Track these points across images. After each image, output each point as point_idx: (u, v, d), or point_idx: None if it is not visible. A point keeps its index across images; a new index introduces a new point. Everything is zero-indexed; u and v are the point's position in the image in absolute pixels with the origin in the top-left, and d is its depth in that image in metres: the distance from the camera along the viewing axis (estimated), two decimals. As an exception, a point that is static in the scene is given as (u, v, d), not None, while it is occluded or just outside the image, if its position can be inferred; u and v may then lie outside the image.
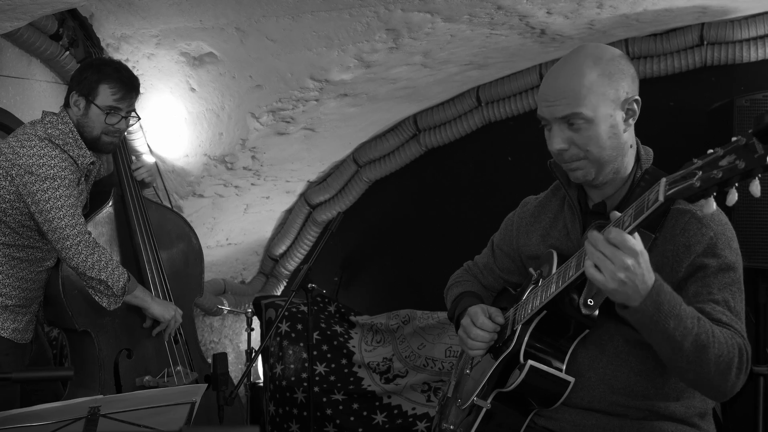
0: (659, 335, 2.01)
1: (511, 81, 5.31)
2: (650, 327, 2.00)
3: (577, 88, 2.22)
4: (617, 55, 2.28)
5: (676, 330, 1.99)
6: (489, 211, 3.91)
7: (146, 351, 3.68)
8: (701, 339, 2.01)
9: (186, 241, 3.99)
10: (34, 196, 3.25)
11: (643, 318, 1.98)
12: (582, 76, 2.23)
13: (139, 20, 4.27)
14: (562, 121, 2.25)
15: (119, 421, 2.28)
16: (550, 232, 2.49)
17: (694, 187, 1.78)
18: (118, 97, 3.40)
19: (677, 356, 2.04)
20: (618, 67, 2.25)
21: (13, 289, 3.35)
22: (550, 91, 2.28)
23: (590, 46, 2.33)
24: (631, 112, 2.26)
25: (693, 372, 2.07)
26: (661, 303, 1.97)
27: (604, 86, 2.22)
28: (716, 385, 2.10)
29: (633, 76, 2.28)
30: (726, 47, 4.68)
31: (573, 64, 2.27)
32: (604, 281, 1.94)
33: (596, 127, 2.22)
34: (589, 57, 2.26)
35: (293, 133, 5.22)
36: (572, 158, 2.28)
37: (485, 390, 2.40)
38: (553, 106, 2.26)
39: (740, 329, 2.14)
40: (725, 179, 1.74)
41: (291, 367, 4.87)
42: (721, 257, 2.17)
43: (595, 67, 2.23)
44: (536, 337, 2.29)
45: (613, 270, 1.91)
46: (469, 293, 2.72)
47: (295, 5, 4.08)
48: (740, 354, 2.09)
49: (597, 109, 2.21)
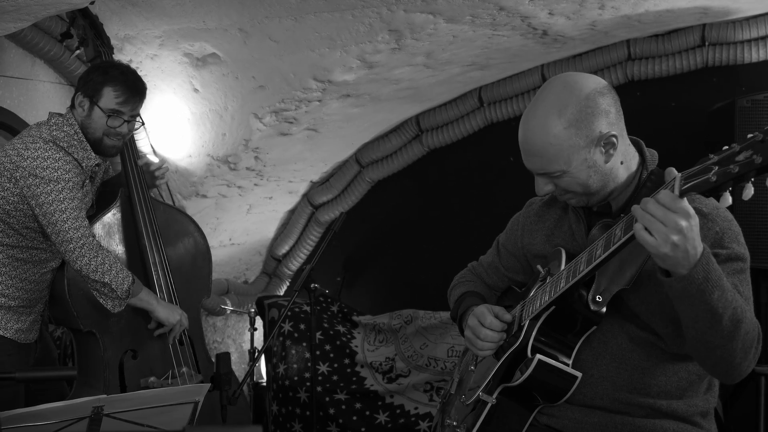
0: (702, 306, 1.96)
1: (513, 81, 5.32)
2: (696, 297, 1.94)
3: (545, 147, 2.20)
4: (586, 95, 2.20)
5: (719, 301, 1.95)
6: (491, 211, 3.92)
7: (151, 352, 3.67)
8: (737, 313, 1.99)
9: (193, 242, 3.97)
10: (38, 198, 3.26)
11: (690, 287, 1.92)
12: (547, 132, 2.19)
13: (142, 21, 4.28)
14: (541, 174, 2.28)
15: (122, 420, 2.29)
16: (555, 232, 2.49)
17: (710, 182, 1.78)
18: (121, 101, 3.40)
19: (713, 330, 2.00)
20: (587, 109, 2.18)
21: (16, 290, 3.36)
22: (523, 145, 2.28)
23: (557, 86, 2.26)
24: (610, 144, 2.21)
25: (721, 348, 2.03)
26: (710, 272, 1.92)
27: (573, 138, 2.18)
28: (737, 363, 2.06)
29: (606, 111, 2.20)
30: (727, 48, 4.69)
31: (540, 115, 2.22)
32: (656, 244, 1.87)
33: (574, 174, 2.22)
34: (554, 107, 2.19)
35: (296, 133, 5.23)
36: (561, 194, 2.33)
37: (491, 385, 2.40)
38: (529, 161, 2.28)
39: (751, 313, 2.13)
40: (741, 174, 1.74)
41: (294, 366, 4.88)
42: (729, 248, 2.16)
43: (560, 119, 2.18)
44: (544, 332, 2.29)
45: (665, 232, 1.85)
46: (472, 293, 2.72)
47: (298, 6, 4.09)
48: (758, 333, 2.09)
49: (570, 161, 2.20)
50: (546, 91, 2.27)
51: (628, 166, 2.29)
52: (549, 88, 2.27)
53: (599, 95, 2.21)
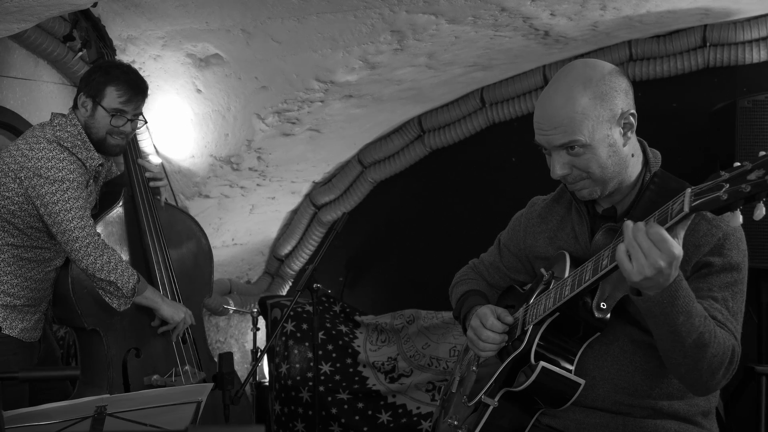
0: (665, 327, 2.01)
1: (515, 82, 5.33)
2: (659, 318, 1.99)
3: (571, 116, 2.19)
4: (607, 72, 2.24)
5: (683, 326, 1.99)
6: (493, 211, 3.92)
7: (155, 350, 3.69)
8: (704, 338, 2.02)
9: (195, 242, 3.99)
10: (42, 198, 3.27)
11: (655, 309, 1.98)
12: (574, 102, 2.20)
13: (145, 22, 4.29)
14: (560, 148, 2.24)
15: (126, 420, 2.29)
16: (558, 234, 2.49)
17: (721, 200, 1.77)
18: (123, 100, 3.41)
19: (676, 349, 2.05)
20: (609, 85, 2.22)
21: (21, 289, 3.37)
22: (544, 120, 2.26)
23: (579, 65, 2.30)
24: (629, 125, 2.24)
25: (685, 366, 2.08)
26: (677, 297, 1.96)
27: (598, 108, 2.19)
28: (703, 381, 2.11)
29: (626, 90, 2.25)
30: (728, 49, 4.69)
31: (563, 90, 2.24)
32: (630, 271, 1.92)
33: (595, 150, 2.21)
34: (578, 80, 2.23)
35: (298, 134, 5.24)
36: (575, 180, 2.28)
37: (493, 388, 2.40)
38: (549, 135, 2.25)
39: (734, 329, 2.14)
40: (753, 194, 1.74)
41: (296, 366, 4.88)
42: (726, 257, 2.18)
43: (586, 91, 2.20)
44: (547, 338, 2.29)
45: (643, 264, 1.89)
46: (474, 292, 2.72)
47: (300, 7, 4.10)
48: (732, 355, 2.11)
49: (593, 133, 2.20)
50: (566, 71, 2.29)
51: (635, 163, 2.31)
52: (569, 68, 2.30)
53: (619, 75, 2.26)
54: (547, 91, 2.30)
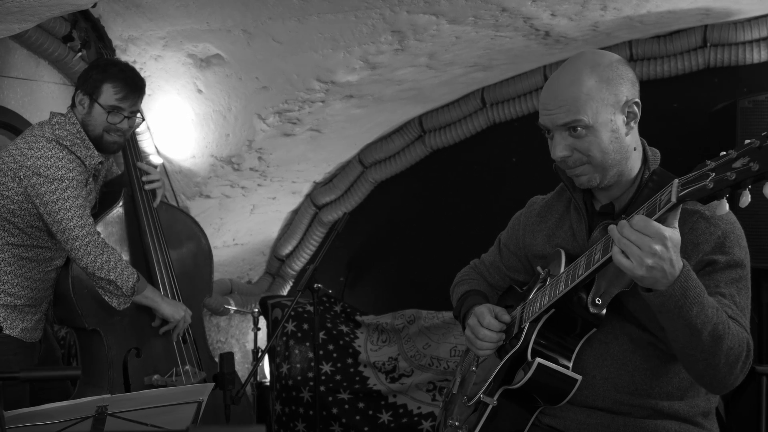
0: (680, 321, 1.99)
1: (516, 82, 5.33)
2: (674, 312, 1.98)
3: (576, 96, 2.22)
4: (615, 60, 2.28)
5: (698, 317, 1.98)
6: (493, 211, 3.92)
7: (155, 350, 3.69)
8: (719, 329, 2.01)
9: (195, 242, 4.00)
10: (42, 197, 3.27)
11: (668, 303, 1.96)
12: (580, 83, 2.23)
13: (146, 22, 4.29)
14: (563, 128, 2.26)
15: (126, 420, 2.30)
16: (556, 232, 2.50)
17: (707, 189, 1.79)
18: (120, 97, 3.42)
19: (693, 344, 2.03)
20: (616, 72, 2.25)
21: (21, 288, 3.37)
22: (549, 100, 2.29)
23: (588, 52, 2.34)
24: (632, 114, 2.27)
25: (704, 362, 2.07)
26: (688, 288, 1.95)
27: (603, 92, 2.22)
28: (722, 377, 2.10)
29: (632, 80, 2.29)
30: (729, 49, 4.70)
31: (571, 71, 2.27)
32: (632, 267, 1.92)
33: (597, 133, 2.22)
34: (587, 64, 2.26)
35: (299, 134, 5.24)
36: (575, 164, 2.28)
37: (492, 387, 2.40)
38: (553, 114, 2.26)
39: (744, 324, 2.14)
40: (738, 181, 1.75)
41: (297, 366, 4.89)
42: (729, 254, 2.18)
43: (593, 74, 2.23)
44: (544, 335, 2.29)
45: (640, 255, 1.90)
46: (474, 291, 2.72)
47: (301, 7, 4.10)
48: (747, 348, 2.10)
49: (597, 115, 2.22)
50: (576, 57, 2.33)
51: (636, 158, 2.32)
52: (579, 55, 2.33)
53: (627, 65, 2.31)
54: (555, 74, 2.33)
